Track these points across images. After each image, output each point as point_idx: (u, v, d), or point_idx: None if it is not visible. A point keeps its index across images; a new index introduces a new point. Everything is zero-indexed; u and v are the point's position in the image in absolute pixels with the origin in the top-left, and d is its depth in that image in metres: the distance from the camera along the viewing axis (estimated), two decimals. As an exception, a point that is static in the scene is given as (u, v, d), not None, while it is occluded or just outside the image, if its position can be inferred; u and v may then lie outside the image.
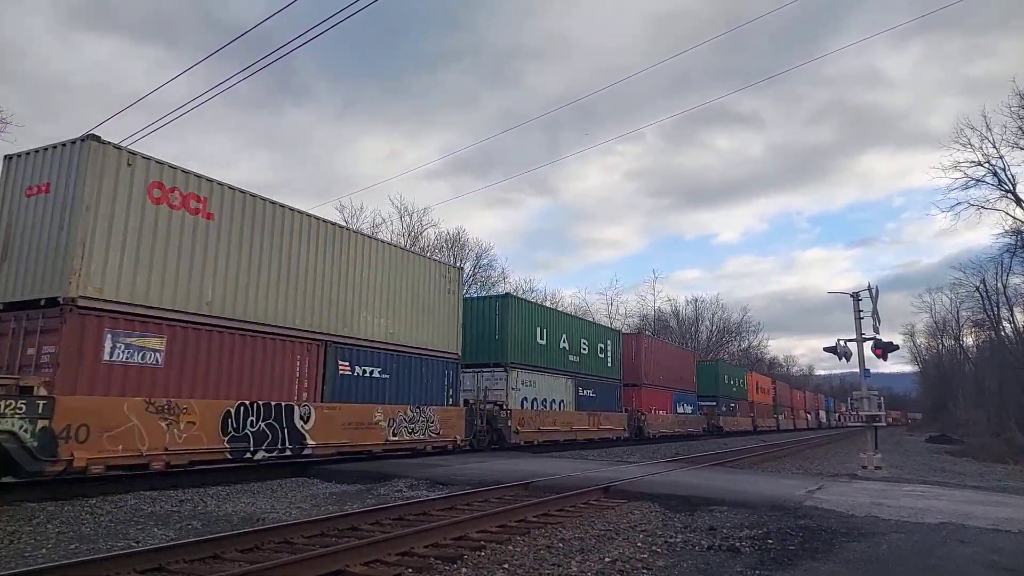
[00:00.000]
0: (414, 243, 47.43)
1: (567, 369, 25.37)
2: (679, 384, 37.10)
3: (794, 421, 67.31)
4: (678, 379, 37.05)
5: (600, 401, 27.62)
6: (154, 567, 5.44)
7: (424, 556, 6.09)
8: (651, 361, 33.69)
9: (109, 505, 8.99)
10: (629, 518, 8.56)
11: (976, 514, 8.72)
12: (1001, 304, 49.30)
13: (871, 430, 17.71)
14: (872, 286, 17.70)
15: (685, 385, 38.09)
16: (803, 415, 73.65)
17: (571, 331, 26.04)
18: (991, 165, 36.51)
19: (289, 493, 10.83)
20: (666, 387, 35.07)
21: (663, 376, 34.76)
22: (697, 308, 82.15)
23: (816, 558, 6.18)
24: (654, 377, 33.49)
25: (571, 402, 25.29)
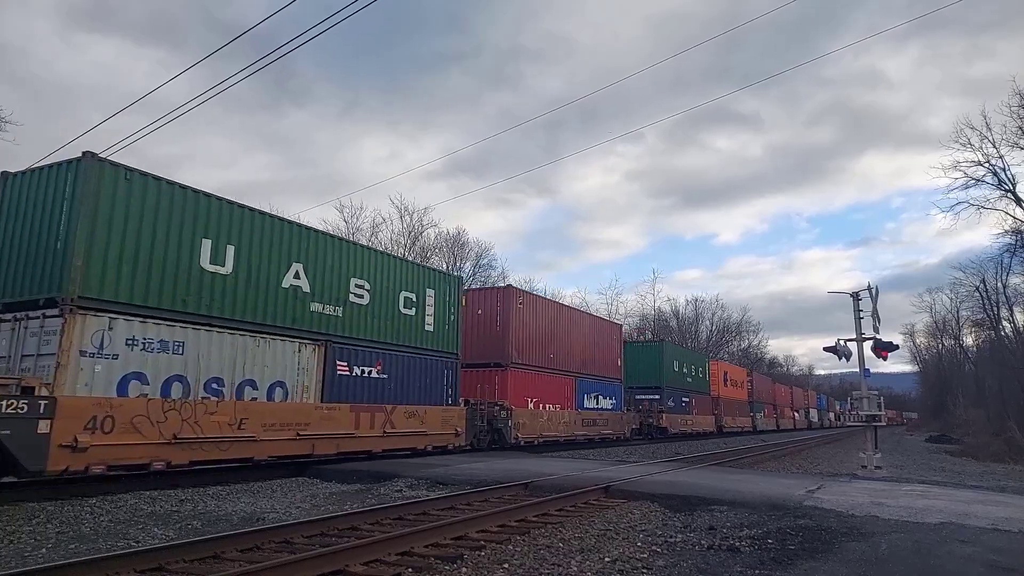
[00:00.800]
0: (414, 243, 47.47)
1: (302, 327, 13.99)
2: (590, 369, 26.93)
3: (777, 421, 59.28)
4: (588, 362, 26.73)
5: (407, 386, 16.56)
6: (154, 567, 5.43)
7: (424, 556, 6.09)
8: (531, 332, 22.85)
9: (109, 505, 8.98)
10: (629, 518, 8.57)
11: (976, 514, 8.72)
12: (1001, 304, 49.39)
13: (871, 430, 17.72)
14: (872, 286, 17.72)
15: (602, 371, 27.99)
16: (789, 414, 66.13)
17: (325, 262, 14.77)
18: (991, 165, 36.59)
19: (289, 493, 10.83)
20: (563, 371, 24.68)
21: (557, 355, 24.31)
22: (697, 308, 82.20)
23: (816, 558, 6.18)
24: (536, 356, 23.02)
25: (312, 386, 14.01)
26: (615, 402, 29.00)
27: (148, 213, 11.13)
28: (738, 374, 50.41)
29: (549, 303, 26.50)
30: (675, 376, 36.11)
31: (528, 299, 23.97)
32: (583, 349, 26.67)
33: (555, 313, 25.42)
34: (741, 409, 48.08)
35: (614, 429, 28.26)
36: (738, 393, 47.96)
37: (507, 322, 21.73)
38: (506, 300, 22.11)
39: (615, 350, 29.89)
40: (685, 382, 37.43)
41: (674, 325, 78.12)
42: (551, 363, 24.14)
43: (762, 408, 54.21)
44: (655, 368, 34.68)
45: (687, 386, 37.55)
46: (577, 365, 26.02)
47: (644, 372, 34.26)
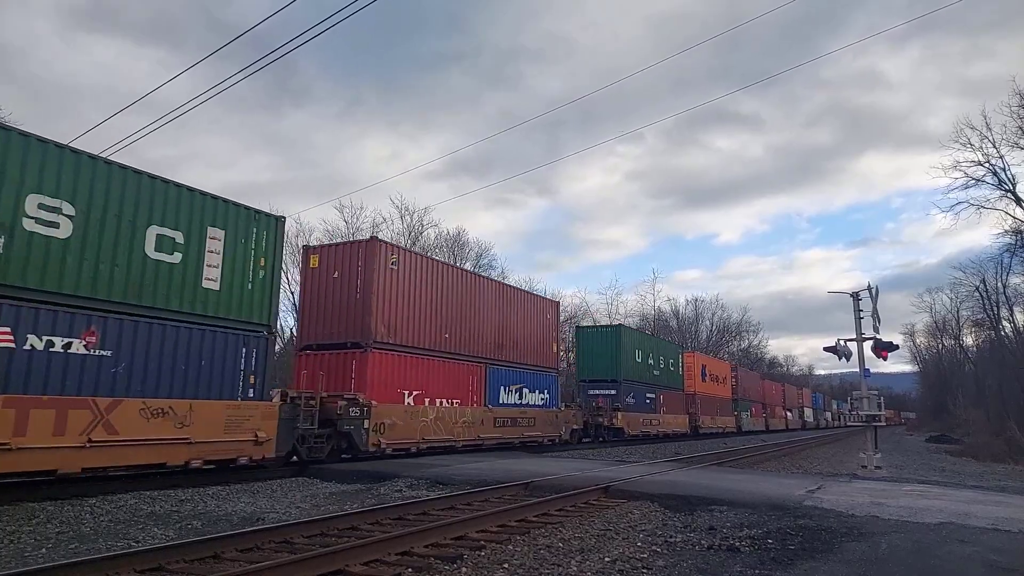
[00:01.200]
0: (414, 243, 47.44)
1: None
2: (510, 355, 21.40)
3: (767, 421, 54.54)
4: (506, 346, 21.29)
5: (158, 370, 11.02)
6: (154, 567, 5.44)
7: (424, 556, 6.09)
8: (412, 302, 17.31)
9: (109, 505, 8.99)
10: (629, 518, 8.57)
11: (976, 514, 8.72)
12: (1001, 304, 49.45)
13: (871, 430, 17.73)
14: (872, 286, 17.74)
15: (528, 357, 22.50)
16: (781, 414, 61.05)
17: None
18: (991, 165, 36.65)
19: (289, 493, 10.83)
20: (467, 357, 19.21)
21: (457, 336, 18.84)
22: (697, 308, 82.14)
23: (816, 558, 6.18)
24: (421, 335, 17.44)
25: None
26: (548, 397, 23.20)
27: None
28: (720, 368, 45.37)
29: (445, 267, 19.92)
30: (637, 368, 30.79)
31: (408, 259, 17.66)
32: (498, 329, 21.02)
33: (453, 280, 19.29)
34: (723, 408, 43.28)
35: (544, 430, 22.49)
36: (720, 390, 43.24)
37: (370, 287, 15.89)
38: (370, 257, 16.05)
39: (550, 333, 24.10)
40: (650, 376, 32.11)
41: (674, 325, 78.14)
42: (446, 345, 18.40)
43: (749, 407, 49.55)
44: (610, 358, 29.23)
45: (654, 380, 32.40)
46: (489, 349, 20.39)
47: (599, 363, 29.43)
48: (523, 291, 25.34)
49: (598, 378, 29.27)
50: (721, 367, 46.40)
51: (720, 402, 42.98)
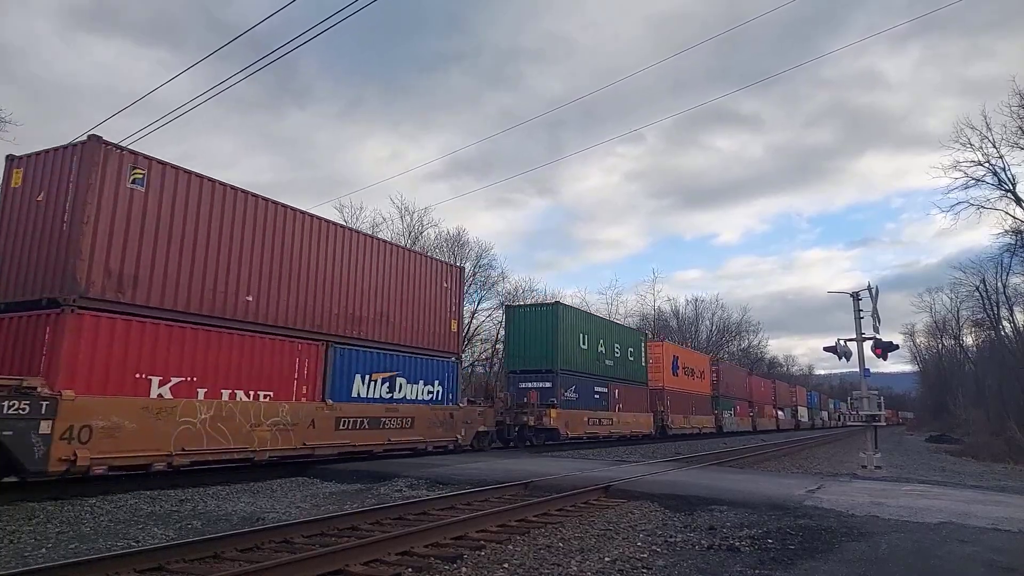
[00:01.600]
0: (414, 243, 47.43)
1: None
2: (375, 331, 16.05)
3: (754, 421, 50.09)
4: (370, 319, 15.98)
5: None
6: (154, 567, 5.43)
7: (424, 556, 6.09)
8: (176, 241, 11.74)
9: (109, 505, 8.99)
10: (629, 518, 8.57)
11: (976, 513, 8.72)
12: (1001, 304, 49.46)
13: (871, 430, 17.73)
14: (872, 286, 17.75)
15: (408, 337, 17.10)
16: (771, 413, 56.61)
17: None
18: (991, 165, 36.63)
19: (289, 493, 10.84)
20: (289, 332, 13.74)
21: (266, 299, 13.37)
22: (697, 308, 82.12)
23: (816, 558, 6.18)
24: (193, 295, 11.97)
25: None
26: (442, 390, 17.62)
27: None
28: (696, 361, 40.69)
29: (254, 200, 13.27)
30: (581, 356, 25.78)
31: (173, 180, 11.71)
32: (356, 297, 15.38)
33: (268, 221, 13.55)
34: (700, 405, 38.68)
35: (429, 433, 16.71)
36: (696, 385, 38.89)
37: (82, 214, 10.34)
38: (87, 169, 10.46)
39: (448, 307, 18.35)
40: (601, 366, 27.33)
41: (674, 325, 78.16)
42: (248, 313, 12.84)
43: (732, 405, 45.24)
44: (546, 344, 24.05)
45: (605, 372, 27.58)
46: (336, 323, 14.84)
47: (532, 350, 24.30)
48: (404, 249, 18.48)
49: (530, 368, 24.20)
50: (698, 360, 41.64)
51: (696, 399, 38.41)
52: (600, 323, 29.94)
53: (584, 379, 25.95)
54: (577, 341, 25.88)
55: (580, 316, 27.78)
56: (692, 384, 38.28)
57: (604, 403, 27.41)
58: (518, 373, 24.74)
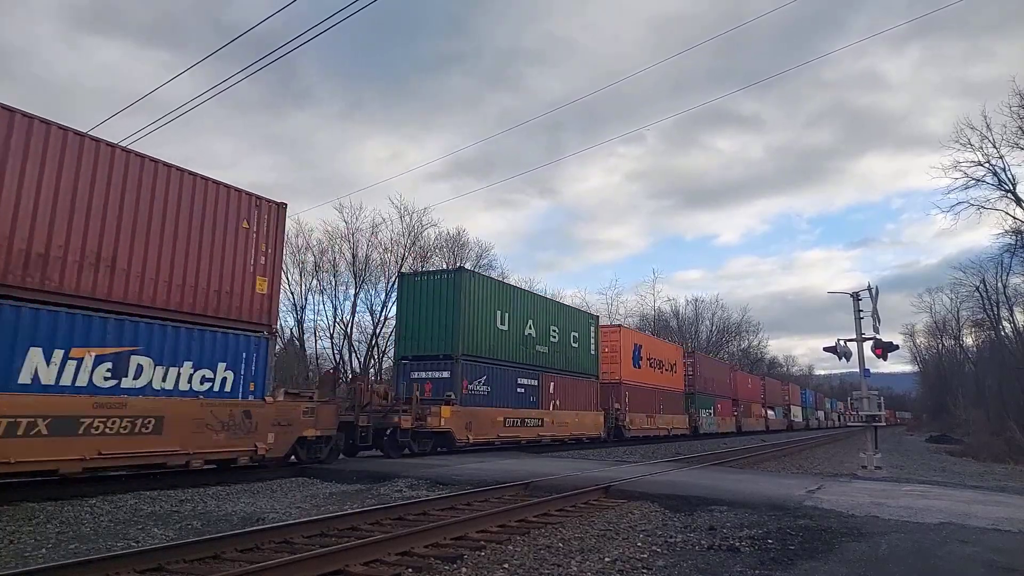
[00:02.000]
0: (414, 243, 47.45)
1: None
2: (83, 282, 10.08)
3: (738, 422, 45.68)
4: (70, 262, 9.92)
5: None
6: (154, 567, 5.43)
7: (424, 556, 6.09)
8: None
9: (109, 505, 8.99)
10: (629, 518, 8.57)
11: (976, 514, 8.72)
12: (1001, 304, 49.46)
13: (871, 430, 17.73)
14: (872, 286, 17.73)
15: (157, 295, 11.19)
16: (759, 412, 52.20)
17: None
18: (991, 165, 36.61)
19: (289, 493, 10.84)
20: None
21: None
22: (697, 308, 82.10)
23: (816, 558, 6.18)
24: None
25: None
26: (235, 377, 12.39)
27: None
28: (666, 352, 35.70)
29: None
30: (497, 340, 20.41)
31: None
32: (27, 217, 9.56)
33: None
34: (670, 403, 34.09)
35: (193, 442, 11.08)
36: (666, 380, 34.14)
37: None
38: None
39: (247, 256, 12.99)
40: (529, 354, 22.03)
41: (674, 325, 78.22)
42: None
43: (712, 403, 40.72)
44: (446, 322, 19.00)
45: (535, 361, 22.35)
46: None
47: (427, 330, 19.25)
48: (169, 167, 11.71)
49: (425, 354, 19.09)
50: (668, 351, 36.61)
51: (665, 396, 33.65)
52: (529, 299, 23.45)
53: (502, 368, 20.49)
54: (491, 319, 20.27)
55: (496, 288, 21.40)
56: (660, 378, 33.47)
57: (532, 399, 21.92)
58: (410, 360, 19.22)
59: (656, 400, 32.63)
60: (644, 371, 31.69)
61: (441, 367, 18.87)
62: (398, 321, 20.55)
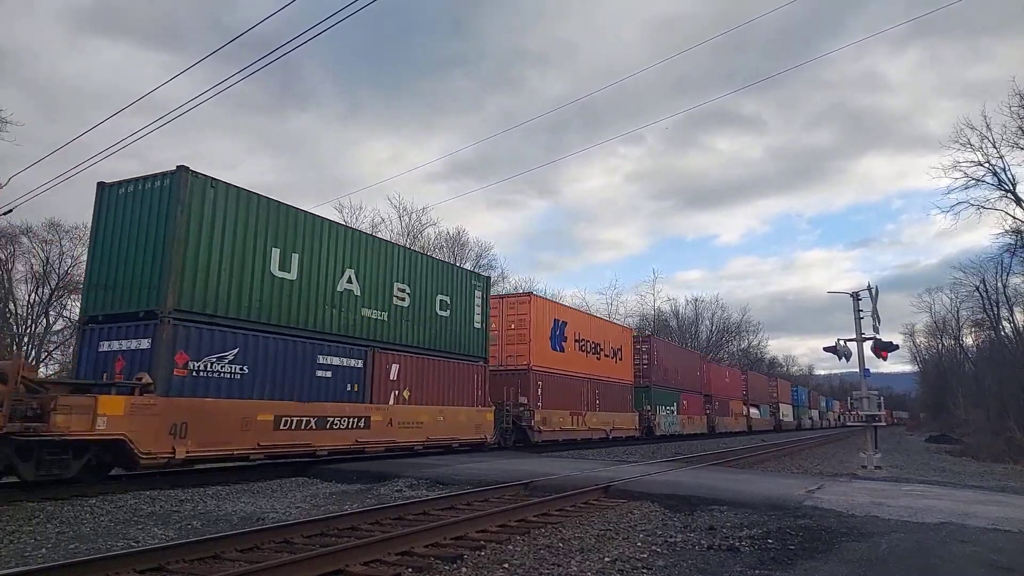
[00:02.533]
0: (413, 242, 47.42)
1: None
2: None
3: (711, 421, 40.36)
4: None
5: None
6: (154, 567, 5.43)
7: (424, 556, 6.09)
8: None
9: (109, 505, 8.98)
10: (629, 518, 8.57)
11: (976, 514, 8.72)
12: (1001, 304, 49.39)
13: (870, 430, 17.73)
14: (872, 286, 17.74)
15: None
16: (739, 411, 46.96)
17: None
18: (991, 165, 36.53)
19: (289, 493, 10.83)
20: None
21: None
22: (697, 308, 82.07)
23: (816, 558, 6.18)
24: None
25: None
26: None
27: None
28: (607, 334, 28.56)
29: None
30: (271, 294, 13.27)
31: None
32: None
33: None
34: (611, 398, 27.63)
35: None
36: (605, 369, 27.72)
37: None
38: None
39: None
40: (353, 321, 15.16)
41: (674, 325, 78.18)
42: None
43: (675, 399, 34.55)
44: (151, 258, 11.78)
45: (367, 332, 15.55)
46: None
47: (133, 271, 11.93)
48: None
49: (121, 311, 11.94)
50: (610, 332, 29.09)
51: (604, 389, 27.10)
52: (351, 240, 15.55)
53: (280, 340, 13.31)
54: (257, 260, 13.07)
55: (269, 212, 13.45)
56: (596, 366, 26.77)
57: (349, 388, 14.78)
58: (100, 323, 12.14)
59: (587, 394, 25.65)
60: (570, 356, 24.79)
61: (139, 332, 11.54)
62: (89, 259, 12.90)
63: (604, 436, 26.67)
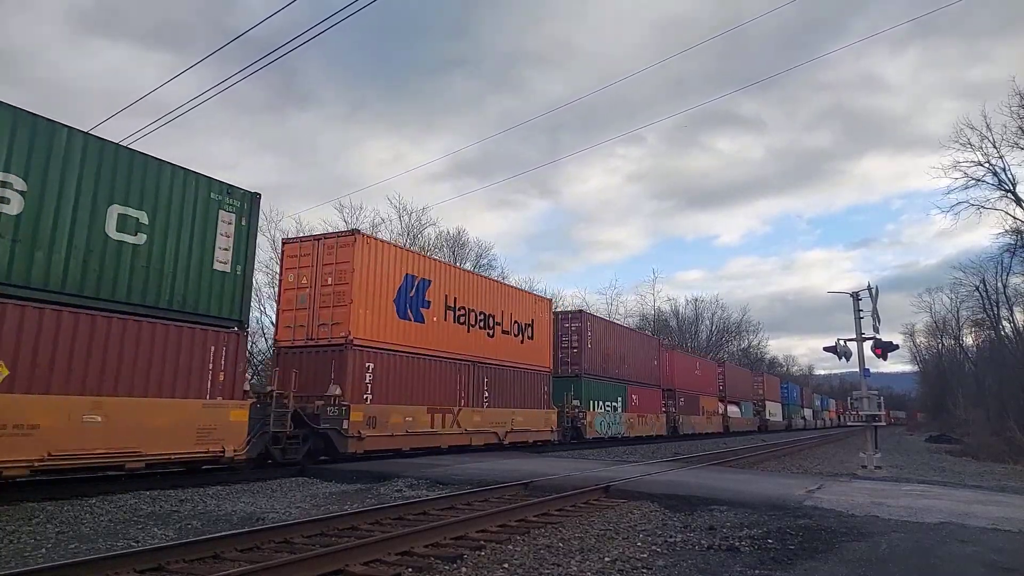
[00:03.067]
0: (413, 242, 47.41)
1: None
2: None
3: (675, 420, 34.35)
4: None
5: None
6: (154, 567, 5.43)
7: (424, 556, 6.08)
8: None
9: (109, 505, 8.98)
10: (629, 518, 8.56)
11: (976, 513, 8.72)
12: (1001, 304, 49.38)
13: (870, 430, 17.72)
14: (872, 286, 17.73)
15: None
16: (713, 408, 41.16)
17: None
18: (991, 165, 36.51)
19: (289, 493, 10.83)
20: None
21: None
22: (697, 308, 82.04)
23: (816, 558, 6.18)
24: None
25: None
26: None
27: None
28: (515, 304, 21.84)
29: None
30: None
31: None
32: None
33: None
34: (514, 391, 20.78)
35: None
36: (509, 350, 20.88)
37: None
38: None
39: None
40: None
41: (674, 325, 78.18)
42: None
43: (617, 394, 28.09)
44: None
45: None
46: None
47: None
48: None
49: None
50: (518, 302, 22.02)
51: (502, 377, 20.24)
52: None
53: None
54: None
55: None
56: (486, 346, 19.78)
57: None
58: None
59: (464, 383, 18.62)
60: (434, 328, 17.86)
61: None
62: None
63: (495, 441, 19.48)
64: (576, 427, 25.04)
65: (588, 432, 25.39)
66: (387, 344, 16.19)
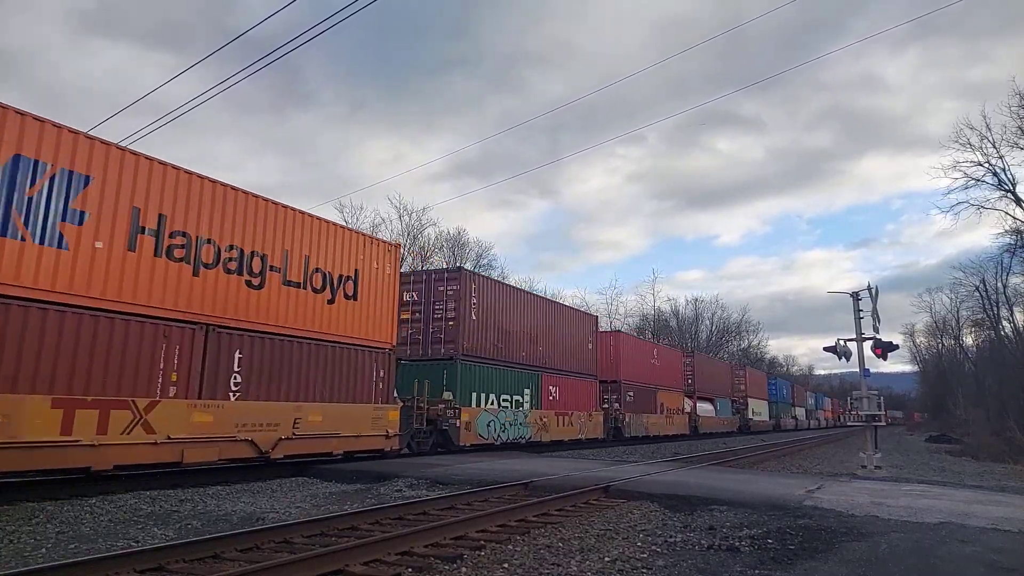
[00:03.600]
0: (413, 242, 47.43)
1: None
2: None
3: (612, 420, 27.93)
4: None
5: None
6: (154, 567, 5.43)
7: (424, 556, 6.08)
8: None
9: (108, 505, 8.98)
10: (629, 518, 8.56)
11: (976, 513, 8.72)
12: (1001, 304, 49.43)
13: (870, 430, 17.72)
14: (872, 286, 17.72)
15: None
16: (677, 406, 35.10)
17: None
18: (991, 165, 36.54)
19: (289, 493, 10.83)
20: None
21: None
22: (697, 308, 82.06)
23: (816, 558, 6.18)
24: None
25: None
26: None
27: None
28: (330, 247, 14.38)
29: None
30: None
31: None
32: None
33: None
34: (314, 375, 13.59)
35: None
36: (304, 312, 13.60)
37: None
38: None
39: None
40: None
41: (674, 325, 78.18)
42: None
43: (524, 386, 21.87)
44: None
45: None
46: None
47: None
48: None
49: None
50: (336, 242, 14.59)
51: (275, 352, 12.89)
52: None
53: None
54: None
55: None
56: (251, 304, 12.57)
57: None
58: None
59: (171, 356, 11.08)
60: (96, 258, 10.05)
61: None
62: None
63: (255, 455, 12.25)
64: (441, 428, 18.45)
65: (463, 437, 18.66)
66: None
